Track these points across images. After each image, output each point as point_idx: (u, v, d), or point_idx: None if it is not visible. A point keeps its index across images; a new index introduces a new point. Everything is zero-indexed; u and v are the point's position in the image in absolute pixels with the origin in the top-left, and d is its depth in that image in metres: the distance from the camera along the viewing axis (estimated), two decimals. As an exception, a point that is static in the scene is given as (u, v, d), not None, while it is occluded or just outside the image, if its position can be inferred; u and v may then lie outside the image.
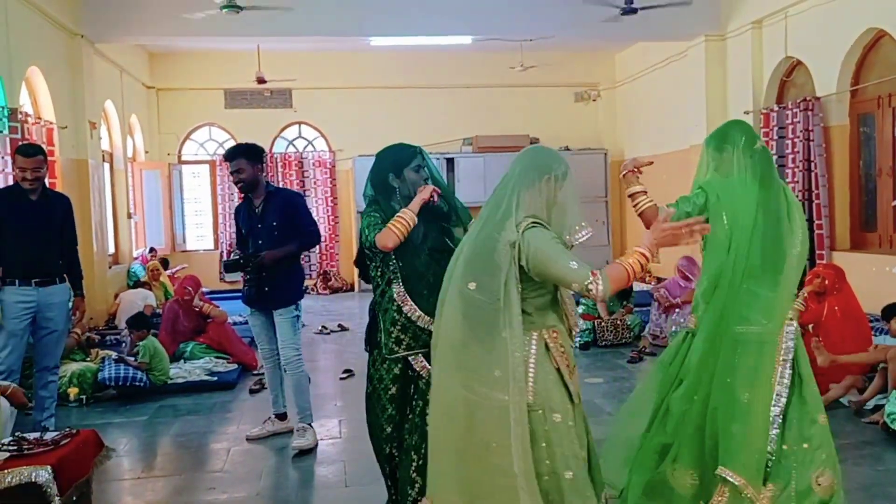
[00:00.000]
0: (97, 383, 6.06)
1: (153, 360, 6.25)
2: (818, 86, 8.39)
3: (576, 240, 2.57)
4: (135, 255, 11.31)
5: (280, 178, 12.83)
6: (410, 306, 3.29)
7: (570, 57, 13.20)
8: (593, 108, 13.82)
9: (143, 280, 10.01)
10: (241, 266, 4.83)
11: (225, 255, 12.54)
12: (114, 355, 6.45)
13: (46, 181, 5.06)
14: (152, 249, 11.43)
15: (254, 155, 4.80)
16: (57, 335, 4.93)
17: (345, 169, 13.04)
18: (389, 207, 3.33)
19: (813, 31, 8.38)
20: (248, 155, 4.77)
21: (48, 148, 7.57)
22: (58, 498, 3.13)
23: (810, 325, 5.60)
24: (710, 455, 3.18)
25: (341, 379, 6.70)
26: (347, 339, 8.63)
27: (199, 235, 13.40)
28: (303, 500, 4.10)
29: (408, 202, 3.29)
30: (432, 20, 9.61)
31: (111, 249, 10.29)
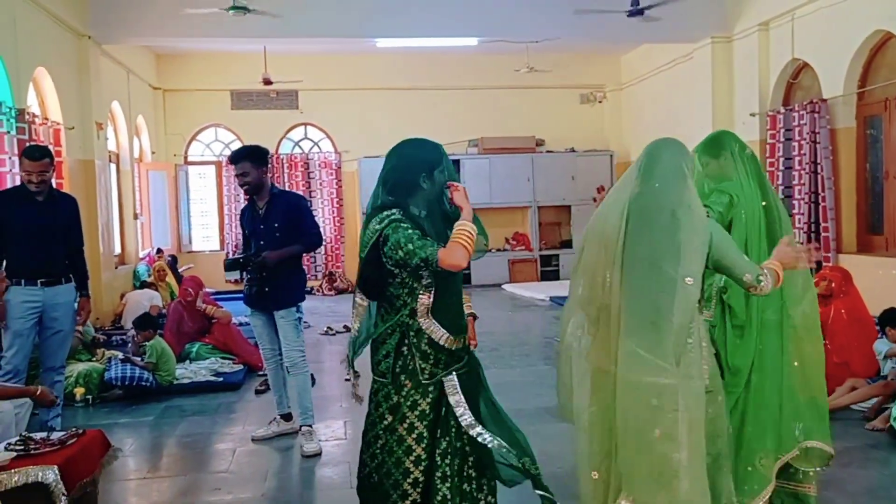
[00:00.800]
0: (103, 383, 6.08)
1: (160, 360, 6.27)
2: (825, 88, 8.37)
3: None
4: (141, 255, 11.34)
5: (286, 180, 12.85)
6: (437, 329, 2.82)
7: (576, 58, 13.20)
8: (599, 110, 13.81)
9: (149, 281, 10.04)
10: (240, 266, 4.85)
11: (230, 255, 12.55)
12: (120, 355, 6.47)
13: (53, 182, 5.08)
14: (159, 250, 11.46)
15: (259, 157, 4.81)
16: (62, 335, 4.95)
17: (350, 170, 13.06)
18: (409, 214, 2.79)
19: (820, 33, 8.36)
20: (252, 158, 4.78)
21: (55, 149, 7.60)
22: (64, 497, 3.14)
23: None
24: None
25: (346, 380, 6.68)
26: (352, 341, 8.62)
27: (205, 236, 13.43)
28: (308, 501, 4.11)
29: (428, 207, 2.84)
30: (438, 22, 9.62)
31: (117, 250, 10.32)
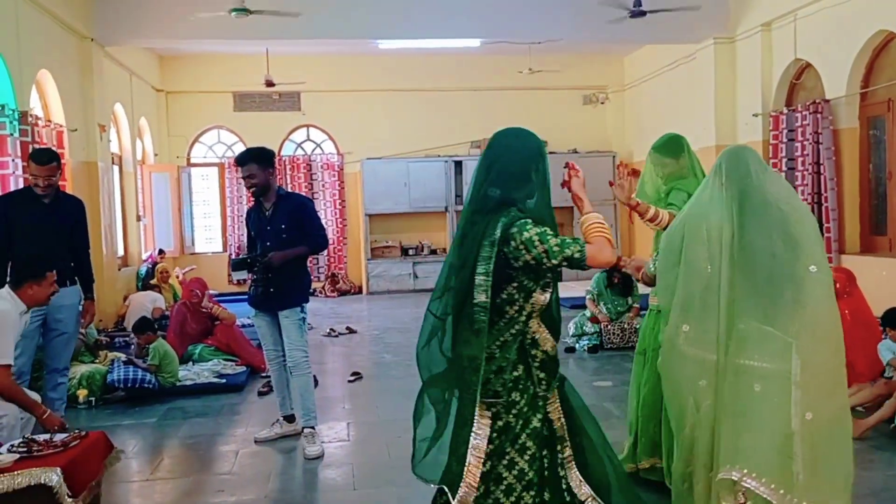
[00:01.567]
0: (106, 385, 6.08)
1: (162, 362, 6.27)
2: (828, 88, 8.36)
3: None
4: (143, 257, 11.36)
5: (288, 181, 12.86)
6: (546, 333, 2.63)
7: (579, 60, 13.20)
8: (602, 111, 13.81)
9: (153, 282, 10.06)
10: (248, 265, 4.86)
11: (234, 256, 12.57)
12: (123, 357, 6.48)
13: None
14: (161, 251, 11.47)
15: (265, 159, 4.81)
16: (66, 337, 4.96)
17: (353, 172, 13.06)
18: (526, 209, 2.58)
19: (822, 34, 8.35)
20: (259, 160, 4.78)
21: (58, 151, 7.60)
22: (70, 499, 3.14)
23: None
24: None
25: (349, 382, 6.70)
26: (356, 342, 8.64)
27: (208, 238, 13.45)
28: (311, 502, 4.10)
29: (537, 199, 2.61)
30: (440, 23, 9.62)
31: (120, 252, 10.33)
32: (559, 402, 2.65)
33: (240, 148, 13.08)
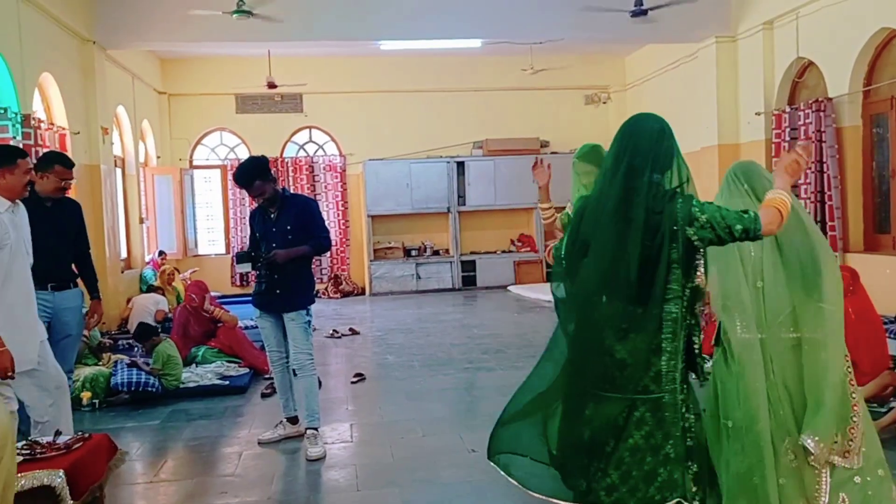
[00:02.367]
0: (109, 388, 6.09)
1: (166, 365, 6.27)
2: (830, 87, 8.34)
3: None
4: (146, 259, 11.36)
5: (291, 183, 12.86)
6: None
7: (580, 60, 13.19)
8: (603, 111, 13.79)
9: (156, 285, 10.06)
10: (252, 259, 4.87)
11: (239, 249, 12.61)
12: (126, 359, 6.48)
13: None
14: (161, 252, 11.47)
15: (265, 171, 4.83)
16: (71, 339, 4.97)
17: (355, 173, 13.07)
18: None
19: (825, 32, 8.33)
20: (261, 175, 4.80)
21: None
22: (72, 502, 3.14)
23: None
24: None
25: (352, 383, 6.70)
26: (359, 343, 8.63)
27: (211, 240, 13.45)
28: (314, 503, 4.10)
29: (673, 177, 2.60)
30: (442, 24, 9.62)
31: (123, 254, 10.34)
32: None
33: (242, 150, 13.11)
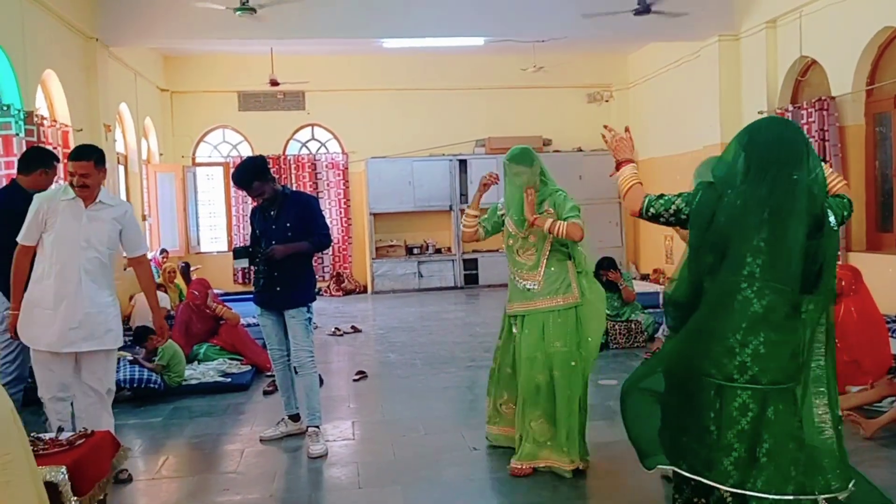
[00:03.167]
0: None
1: (171, 362, 6.28)
2: (833, 85, 8.33)
3: None
4: (148, 257, 11.34)
5: (293, 181, 12.87)
6: None
7: (583, 58, 13.18)
8: (606, 109, 13.77)
9: (159, 282, 10.06)
10: (250, 255, 4.87)
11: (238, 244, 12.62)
12: (128, 357, 6.48)
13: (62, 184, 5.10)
14: (164, 250, 11.47)
15: (263, 172, 4.83)
16: None
17: (358, 171, 13.06)
18: None
19: (828, 31, 8.32)
20: (259, 175, 4.80)
21: (63, 150, 7.62)
22: (74, 499, 3.14)
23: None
24: None
25: (354, 381, 6.70)
26: (361, 341, 8.64)
27: (213, 237, 13.46)
28: (316, 501, 4.10)
29: None
30: (445, 22, 9.62)
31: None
32: None
33: (244, 147, 13.11)
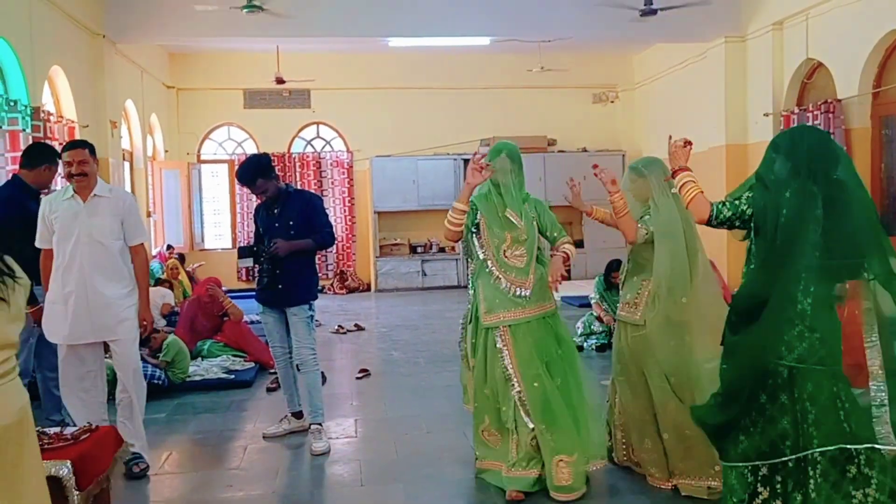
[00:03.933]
0: (116, 381, 6.09)
1: (175, 358, 6.30)
2: (839, 88, 8.31)
3: None
4: (153, 253, 11.39)
5: (298, 179, 12.88)
6: None
7: (589, 58, 13.17)
8: (611, 110, 13.77)
9: (163, 278, 10.09)
10: (254, 253, 4.89)
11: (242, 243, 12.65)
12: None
13: (61, 181, 5.14)
14: (170, 247, 11.51)
15: (267, 169, 4.85)
16: None
17: (362, 169, 13.07)
18: None
19: (834, 33, 8.31)
20: (263, 173, 4.82)
21: (69, 147, 7.65)
22: (77, 493, 3.16)
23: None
24: None
25: (357, 378, 6.71)
26: (364, 339, 8.65)
27: (218, 234, 13.48)
28: (319, 498, 4.11)
29: None
30: (450, 21, 9.61)
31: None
32: None
33: (249, 145, 13.13)
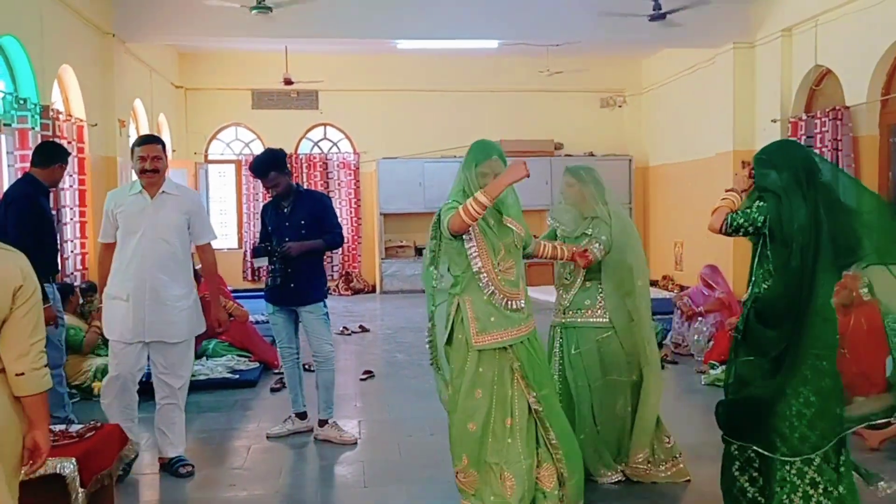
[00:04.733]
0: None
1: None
2: (848, 95, 8.29)
3: None
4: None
5: (305, 179, 12.90)
6: None
7: (597, 62, 13.15)
8: (619, 115, 13.76)
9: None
10: (268, 253, 4.92)
11: (249, 250, 12.68)
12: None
13: (76, 177, 5.16)
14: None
15: (282, 164, 4.89)
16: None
17: (369, 171, 13.09)
18: None
19: (843, 40, 8.29)
20: (277, 167, 4.86)
21: (78, 145, 7.68)
22: (81, 490, 3.17)
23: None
24: None
25: (362, 380, 6.72)
26: (369, 341, 8.66)
27: (224, 234, 13.50)
28: (322, 499, 4.12)
29: None
30: (459, 24, 9.62)
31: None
32: None
33: (257, 145, 13.15)
